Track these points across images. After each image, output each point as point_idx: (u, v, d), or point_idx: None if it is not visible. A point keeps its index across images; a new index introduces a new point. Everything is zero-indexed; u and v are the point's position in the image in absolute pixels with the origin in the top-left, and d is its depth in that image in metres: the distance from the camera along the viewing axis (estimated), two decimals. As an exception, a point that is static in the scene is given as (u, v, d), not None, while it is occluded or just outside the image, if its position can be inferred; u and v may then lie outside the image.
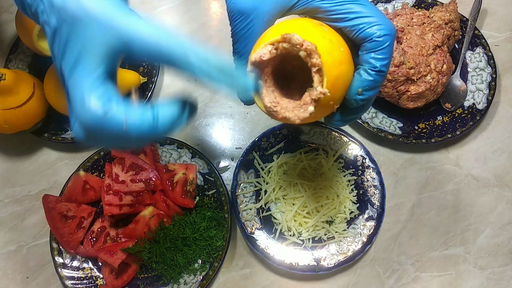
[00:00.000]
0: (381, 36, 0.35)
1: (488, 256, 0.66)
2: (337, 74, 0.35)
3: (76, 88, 0.31)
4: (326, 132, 0.69)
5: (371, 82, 0.37)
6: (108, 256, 0.60)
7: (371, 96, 0.38)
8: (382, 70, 0.36)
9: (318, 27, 0.36)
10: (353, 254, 0.63)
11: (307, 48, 0.34)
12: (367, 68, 0.36)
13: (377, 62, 0.36)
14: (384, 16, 0.36)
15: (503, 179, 0.70)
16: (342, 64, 0.36)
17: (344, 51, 0.36)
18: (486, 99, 0.71)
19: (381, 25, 0.35)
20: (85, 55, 0.31)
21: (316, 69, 0.34)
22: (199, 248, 0.62)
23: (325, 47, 0.35)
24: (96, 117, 0.30)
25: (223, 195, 0.65)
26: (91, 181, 0.65)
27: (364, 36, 0.36)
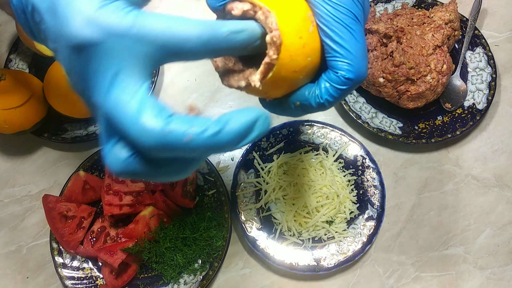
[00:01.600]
0: (345, 77, 0.33)
1: (488, 256, 0.66)
2: (285, 76, 0.33)
3: (122, 110, 0.28)
4: (326, 132, 0.69)
5: (310, 107, 0.35)
6: (108, 256, 0.60)
7: (304, 113, 0.37)
8: (324, 105, 0.35)
9: (306, 23, 0.34)
10: (353, 254, 0.63)
11: (273, 39, 0.31)
12: (316, 93, 0.35)
13: (325, 95, 0.34)
14: (364, 60, 0.34)
15: (503, 179, 0.70)
16: (296, 72, 0.34)
17: (310, 61, 0.34)
18: (486, 99, 0.71)
19: (353, 67, 0.33)
20: (122, 74, 0.28)
21: (268, 61, 0.32)
22: (199, 248, 0.62)
23: (292, 48, 0.32)
24: (157, 135, 0.27)
25: (223, 195, 0.65)
26: (91, 181, 0.65)
27: (332, 65, 0.34)
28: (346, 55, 0.33)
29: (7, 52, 0.75)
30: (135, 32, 0.28)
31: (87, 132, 0.69)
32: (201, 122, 0.28)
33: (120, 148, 0.29)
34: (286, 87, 0.35)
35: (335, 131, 0.69)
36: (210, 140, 0.28)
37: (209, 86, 0.75)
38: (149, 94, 0.32)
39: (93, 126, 0.70)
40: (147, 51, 0.29)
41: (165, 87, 0.75)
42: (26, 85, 0.65)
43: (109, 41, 0.28)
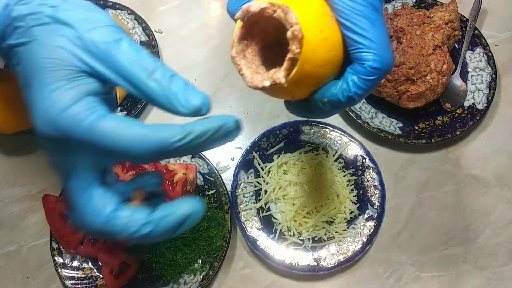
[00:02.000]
0: (372, 67, 0.33)
1: (488, 256, 0.66)
2: (309, 72, 0.33)
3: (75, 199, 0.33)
4: (326, 132, 0.69)
5: (338, 101, 0.35)
6: (108, 256, 0.60)
7: (333, 111, 0.37)
8: (353, 98, 0.35)
9: (325, 18, 0.34)
10: (353, 254, 0.63)
11: (294, 33, 0.32)
12: (343, 87, 0.35)
13: (353, 88, 0.34)
14: (388, 49, 0.34)
15: (503, 179, 0.70)
16: (320, 66, 0.34)
17: (333, 55, 0.34)
18: (486, 99, 0.71)
19: (378, 55, 0.33)
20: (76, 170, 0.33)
21: (291, 56, 0.32)
22: (199, 248, 0.62)
23: (314, 41, 0.32)
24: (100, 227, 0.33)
25: (223, 195, 0.65)
26: (91, 181, 0.65)
27: (357, 57, 0.34)
28: (370, 45, 0.33)
29: (7, 52, 0.75)
30: (88, 138, 0.31)
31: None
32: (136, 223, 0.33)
33: None
34: (311, 83, 0.35)
35: (335, 131, 0.69)
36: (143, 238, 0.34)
37: (209, 86, 0.75)
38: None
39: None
40: (97, 154, 0.32)
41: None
42: (26, 85, 0.65)
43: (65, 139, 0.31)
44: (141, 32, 0.75)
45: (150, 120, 0.73)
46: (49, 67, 0.31)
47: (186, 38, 0.78)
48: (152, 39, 0.74)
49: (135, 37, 0.75)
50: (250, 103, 0.74)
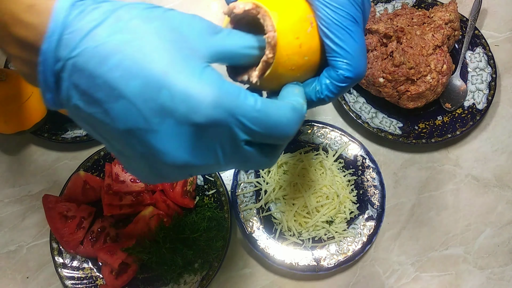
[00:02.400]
0: (344, 76, 0.35)
1: (488, 256, 0.66)
2: (282, 74, 0.35)
3: None
4: (326, 132, 0.69)
5: (310, 101, 0.37)
6: (108, 256, 0.60)
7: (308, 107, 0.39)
8: (324, 100, 0.37)
9: (304, 24, 0.35)
10: (353, 254, 0.63)
11: (268, 40, 0.33)
12: (317, 89, 0.37)
13: (325, 91, 0.36)
14: (362, 59, 0.36)
15: (503, 179, 0.70)
16: (292, 70, 0.35)
17: (307, 60, 0.36)
18: (486, 99, 0.71)
19: (351, 66, 0.35)
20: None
21: (265, 59, 0.34)
22: (199, 248, 0.62)
23: (289, 47, 0.34)
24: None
25: (223, 195, 0.65)
26: (91, 181, 0.65)
27: (333, 64, 0.36)
28: (345, 55, 0.35)
29: (7, 52, 0.75)
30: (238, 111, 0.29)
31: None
32: None
33: None
34: (283, 83, 0.37)
35: (335, 131, 0.69)
36: None
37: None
38: None
39: None
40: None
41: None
42: (26, 85, 0.65)
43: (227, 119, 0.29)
44: (141, 32, 0.75)
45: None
46: None
47: (186, 38, 0.78)
48: (152, 39, 0.74)
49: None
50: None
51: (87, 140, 0.68)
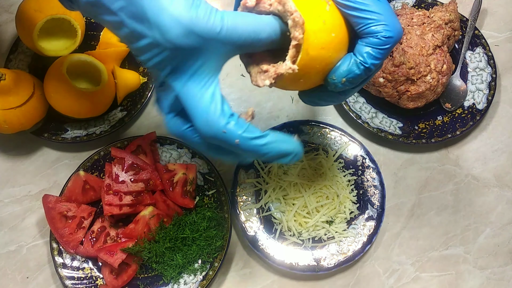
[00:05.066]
0: (386, 37, 0.35)
1: (488, 256, 0.66)
2: (315, 56, 0.35)
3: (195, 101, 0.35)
4: (326, 132, 0.69)
5: (356, 76, 0.37)
6: (108, 256, 0.60)
7: (352, 89, 0.39)
8: (370, 69, 0.36)
9: (321, 3, 0.35)
10: (353, 254, 0.63)
11: (295, 20, 0.33)
12: (358, 61, 0.36)
13: (369, 59, 0.36)
14: (394, 17, 0.36)
15: (503, 179, 0.70)
16: (324, 48, 0.35)
17: (335, 37, 0.35)
18: (486, 99, 0.71)
19: (388, 25, 0.35)
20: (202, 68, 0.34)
21: (295, 43, 0.34)
22: (199, 248, 0.62)
23: (314, 26, 0.34)
24: (217, 131, 0.35)
25: (223, 195, 0.65)
26: (91, 181, 0.65)
27: (369, 32, 0.35)
28: (378, 18, 0.35)
29: (7, 52, 0.75)
30: (223, 35, 0.33)
31: (87, 132, 0.69)
32: (252, 130, 0.35)
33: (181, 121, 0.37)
34: (318, 68, 0.37)
35: (335, 131, 0.69)
36: (253, 148, 0.35)
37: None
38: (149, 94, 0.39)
39: (93, 126, 0.70)
40: (227, 50, 0.34)
41: (165, 87, 0.75)
42: (26, 85, 0.65)
43: (202, 45, 0.33)
44: (141, 32, 0.75)
45: (150, 120, 0.73)
46: None
47: (186, 38, 0.78)
48: (152, 39, 0.74)
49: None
50: (250, 103, 0.74)
51: (87, 140, 0.68)
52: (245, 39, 0.34)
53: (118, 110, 0.71)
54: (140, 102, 0.71)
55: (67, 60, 0.65)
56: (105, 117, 0.71)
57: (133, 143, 0.66)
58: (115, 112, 0.71)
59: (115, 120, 0.70)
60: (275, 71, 0.36)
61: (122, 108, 0.71)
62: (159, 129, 0.72)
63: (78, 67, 0.66)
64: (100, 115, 0.70)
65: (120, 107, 0.71)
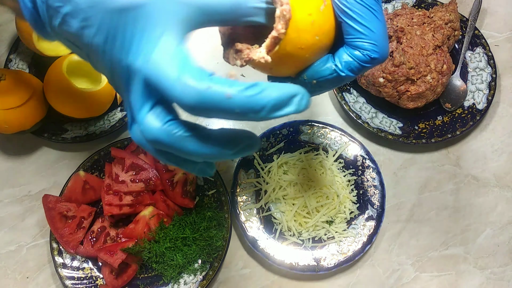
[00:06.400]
0: (371, 57, 0.34)
1: (488, 256, 0.66)
2: (292, 53, 0.33)
3: (165, 71, 0.28)
4: (326, 132, 0.69)
5: (327, 80, 0.35)
6: (108, 256, 0.60)
7: (319, 92, 0.37)
8: (343, 79, 0.35)
9: (317, 2, 0.33)
10: (353, 254, 0.63)
11: (282, 13, 0.31)
12: (334, 67, 0.35)
13: (346, 70, 0.35)
14: (386, 40, 0.35)
15: (503, 179, 0.70)
16: (302, 49, 0.33)
17: (318, 40, 0.34)
18: (486, 99, 0.71)
19: (378, 46, 0.34)
20: (165, 36, 0.29)
21: (275, 34, 0.32)
22: (199, 248, 0.62)
23: (300, 24, 0.32)
24: (199, 93, 0.27)
25: (223, 195, 0.65)
26: (91, 181, 0.65)
27: (356, 46, 0.34)
28: (370, 36, 0.33)
29: (7, 52, 0.75)
30: None
31: (87, 132, 0.69)
32: (240, 83, 0.28)
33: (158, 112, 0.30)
34: (291, 64, 0.35)
35: (335, 131, 0.69)
36: (248, 99, 0.28)
37: (209, 86, 0.75)
38: None
39: (93, 126, 0.70)
40: (186, 14, 0.30)
41: (165, 87, 0.75)
42: (26, 85, 0.65)
43: (152, 4, 0.28)
44: (141, 32, 0.75)
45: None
46: None
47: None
48: (152, 39, 0.74)
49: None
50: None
51: (87, 140, 0.68)
52: (206, 2, 0.30)
53: (118, 110, 0.71)
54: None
55: (67, 60, 0.65)
56: (105, 117, 0.71)
57: (133, 143, 0.66)
58: (115, 112, 0.71)
59: (115, 120, 0.70)
60: (248, 54, 0.34)
61: (122, 108, 0.71)
62: (159, 129, 0.71)
63: (78, 67, 0.66)
64: (100, 115, 0.70)
65: (120, 107, 0.71)
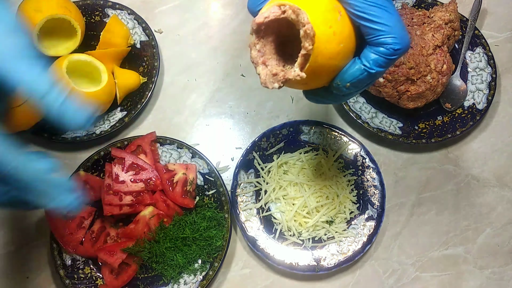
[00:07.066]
0: (394, 49, 0.37)
1: (488, 256, 0.66)
2: (323, 64, 0.36)
3: None
4: (326, 132, 0.69)
5: (360, 81, 0.38)
6: (108, 256, 0.60)
7: (355, 92, 0.40)
8: (375, 75, 0.38)
9: (333, 13, 0.37)
10: (353, 254, 0.63)
11: (306, 32, 0.34)
12: (363, 67, 0.37)
13: (375, 66, 0.37)
14: (404, 30, 0.37)
15: (503, 179, 0.70)
16: (331, 58, 0.37)
17: (343, 46, 0.37)
18: (486, 99, 0.71)
19: (398, 38, 0.37)
20: None
21: (304, 52, 0.35)
22: (199, 248, 0.62)
23: (324, 37, 0.35)
24: None
25: (223, 195, 0.65)
26: (91, 181, 0.65)
27: (379, 42, 0.37)
28: (388, 31, 0.36)
29: (7, 52, 0.75)
30: None
31: (87, 132, 0.69)
32: None
33: None
34: (325, 74, 0.38)
35: (335, 131, 0.69)
36: None
37: (209, 86, 0.75)
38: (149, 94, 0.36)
39: (93, 127, 0.70)
40: None
41: (165, 87, 0.75)
42: (26, 85, 0.64)
43: None
44: (141, 32, 0.75)
45: (150, 120, 0.73)
46: None
47: (186, 38, 0.78)
48: (152, 39, 0.74)
49: (135, 37, 0.75)
50: (250, 103, 0.74)
51: (87, 140, 0.68)
52: None
53: (118, 110, 0.71)
54: (140, 102, 0.71)
55: (67, 60, 0.65)
56: (105, 117, 0.71)
57: (133, 143, 0.66)
58: (115, 112, 0.71)
59: (115, 120, 0.70)
60: (284, 76, 0.37)
61: (122, 108, 0.71)
62: (159, 129, 0.72)
63: (78, 67, 0.66)
64: (100, 115, 0.70)
65: (120, 107, 0.71)
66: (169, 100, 0.74)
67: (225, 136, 0.72)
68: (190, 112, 0.73)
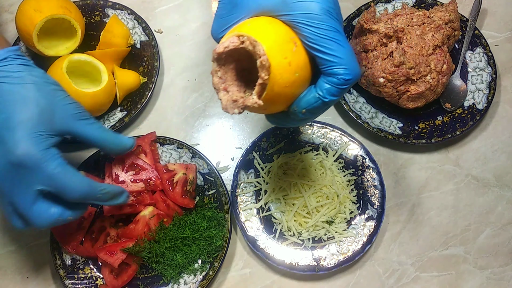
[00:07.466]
0: (345, 79, 0.39)
1: (488, 256, 0.66)
2: (279, 92, 0.39)
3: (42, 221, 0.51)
4: (326, 132, 0.69)
5: (315, 108, 0.41)
6: (108, 256, 0.60)
7: (311, 118, 0.43)
8: (328, 104, 0.41)
9: (289, 45, 0.39)
10: (353, 254, 0.63)
11: (262, 63, 0.37)
12: (318, 95, 0.40)
13: (328, 95, 0.40)
14: (354, 61, 0.40)
15: (503, 179, 0.70)
16: (287, 87, 0.39)
17: (298, 76, 0.39)
18: (486, 99, 0.71)
19: (348, 69, 0.39)
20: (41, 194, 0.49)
21: (261, 81, 0.37)
22: (199, 248, 0.62)
23: (279, 67, 0.38)
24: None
25: (223, 195, 0.65)
26: (91, 181, 0.65)
27: (331, 73, 0.39)
28: (339, 62, 0.39)
29: (7, 52, 0.75)
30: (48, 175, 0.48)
31: (87, 132, 0.69)
32: None
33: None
34: (282, 101, 0.41)
35: (335, 131, 0.69)
36: None
37: (209, 86, 0.75)
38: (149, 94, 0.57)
39: None
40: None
41: (165, 87, 0.75)
42: (26, 85, 0.64)
43: None
44: (141, 32, 0.75)
45: (150, 120, 0.73)
46: None
47: (186, 38, 0.78)
48: (152, 39, 0.74)
49: (135, 37, 0.75)
50: (250, 103, 0.74)
51: (87, 140, 0.68)
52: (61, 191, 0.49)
53: (118, 110, 0.71)
54: (140, 102, 0.71)
55: (67, 60, 0.65)
56: (105, 117, 0.71)
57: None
58: (115, 112, 0.71)
59: (115, 120, 0.70)
60: (243, 102, 0.40)
61: (122, 108, 0.71)
62: (159, 129, 0.72)
63: (78, 67, 0.66)
64: (100, 115, 0.70)
65: (120, 107, 0.71)
66: (169, 100, 0.74)
67: (225, 136, 0.72)
68: (190, 112, 0.73)
